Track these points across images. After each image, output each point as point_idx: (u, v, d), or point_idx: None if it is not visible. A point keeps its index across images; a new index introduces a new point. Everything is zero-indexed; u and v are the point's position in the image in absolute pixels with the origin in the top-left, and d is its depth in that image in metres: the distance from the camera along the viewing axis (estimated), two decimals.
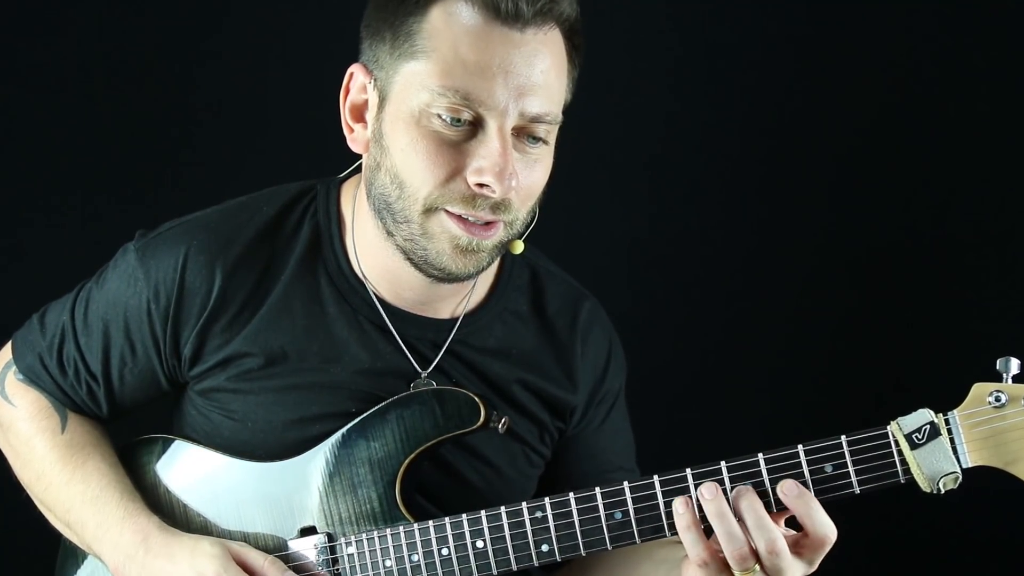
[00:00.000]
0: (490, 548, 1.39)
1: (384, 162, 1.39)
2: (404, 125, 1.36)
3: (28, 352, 1.58)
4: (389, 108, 1.38)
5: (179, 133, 2.38)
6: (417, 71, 1.35)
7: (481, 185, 1.35)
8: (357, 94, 1.43)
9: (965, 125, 2.30)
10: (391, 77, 1.38)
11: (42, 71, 2.32)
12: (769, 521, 1.27)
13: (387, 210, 1.41)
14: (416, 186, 1.37)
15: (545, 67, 1.36)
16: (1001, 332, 2.25)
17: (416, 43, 1.35)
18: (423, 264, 1.42)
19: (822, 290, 2.40)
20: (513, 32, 1.34)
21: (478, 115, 1.34)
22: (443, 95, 1.33)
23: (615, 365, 1.64)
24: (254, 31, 2.37)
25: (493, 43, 1.33)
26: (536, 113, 1.35)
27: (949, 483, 1.25)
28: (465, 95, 1.33)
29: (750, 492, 1.28)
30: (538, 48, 1.35)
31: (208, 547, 1.43)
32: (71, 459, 1.54)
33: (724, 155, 2.41)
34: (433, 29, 1.34)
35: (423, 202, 1.37)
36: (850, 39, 2.34)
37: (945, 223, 2.34)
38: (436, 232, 1.39)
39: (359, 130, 1.44)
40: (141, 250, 1.51)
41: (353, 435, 1.46)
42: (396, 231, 1.42)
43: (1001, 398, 1.24)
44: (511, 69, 1.33)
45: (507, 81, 1.33)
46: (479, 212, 1.37)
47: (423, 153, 1.35)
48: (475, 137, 1.35)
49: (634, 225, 2.43)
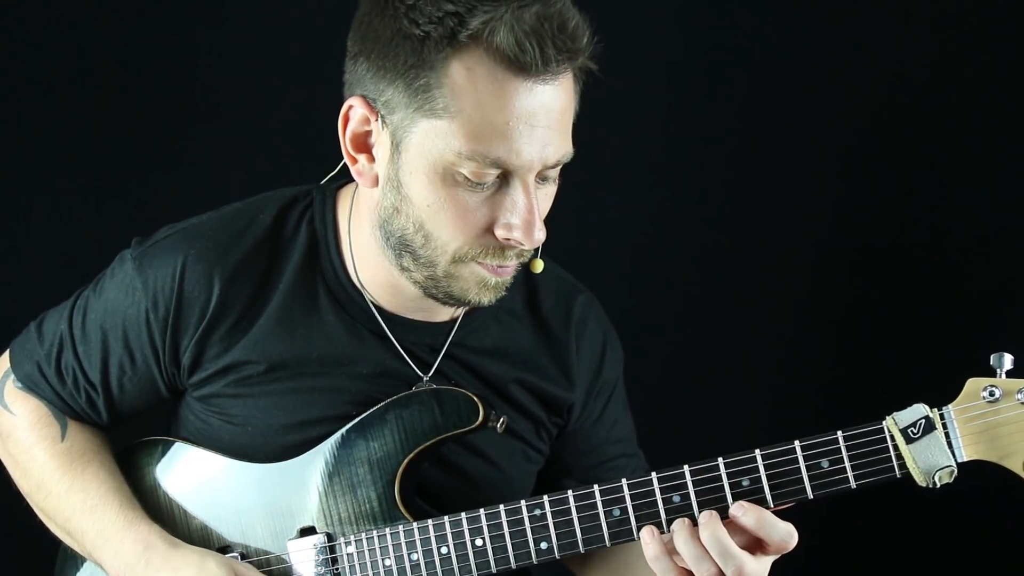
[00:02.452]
0: (489, 546, 1.39)
1: (405, 209, 1.37)
2: (428, 181, 1.33)
3: (26, 360, 1.57)
4: (407, 157, 1.34)
5: (178, 134, 2.38)
6: (439, 130, 1.30)
7: (509, 239, 1.35)
8: (359, 125, 1.37)
9: (963, 124, 2.30)
10: (407, 127, 1.32)
11: (39, 73, 2.32)
12: (733, 547, 1.28)
13: (408, 252, 1.39)
14: (445, 240, 1.36)
15: (563, 108, 1.33)
16: (995, 328, 2.26)
17: (436, 100, 1.29)
18: (441, 296, 1.42)
19: (818, 287, 2.40)
20: (536, 84, 1.29)
21: (505, 172, 1.32)
22: (471, 159, 1.29)
23: (611, 357, 1.64)
24: (253, 32, 2.37)
25: (519, 99, 1.28)
26: (556, 160, 1.34)
27: (945, 477, 1.26)
28: (494, 160, 1.30)
29: (714, 521, 1.29)
30: (557, 92, 1.31)
31: (214, 567, 1.42)
32: (70, 468, 1.53)
33: (724, 155, 2.41)
34: (455, 87, 1.28)
35: (452, 255, 1.36)
36: (850, 40, 2.35)
37: (939, 219, 2.35)
38: (464, 275, 1.38)
39: (364, 162, 1.40)
40: (138, 259, 1.50)
41: (352, 435, 1.47)
42: (416, 270, 1.40)
43: (995, 393, 1.25)
44: (535, 123, 1.30)
45: (532, 137, 1.30)
46: (508, 263, 1.38)
47: (451, 212, 1.33)
48: (500, 190, 1.33)
49: (634, 225, 2.43)
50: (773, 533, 1.29)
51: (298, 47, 2.36)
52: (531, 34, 1.26)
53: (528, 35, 1.26)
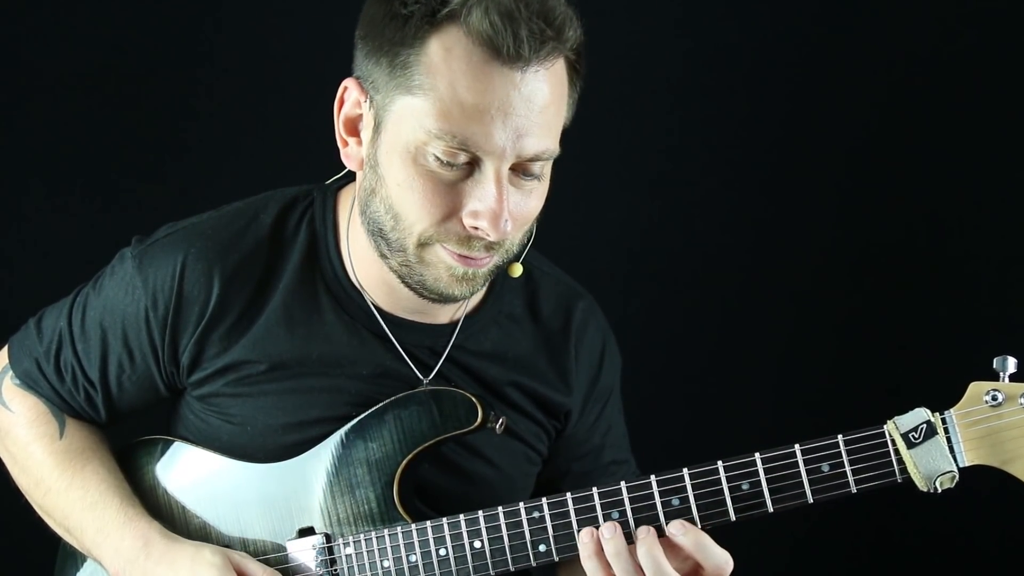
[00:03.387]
0: (487, 548, 1.39)
1: (379, 190, 1.37)
2: (400, 159, 1.34)
3: (25, 357, 1.57)
4: (384, 137, 1.35)
5: (178, 134, 2.38)
6: (414, 107, 1.30)
7: (476, 227, 1.34)
8: (352, 108, 1.39)
9: (964, 126, 2.30)
10: (387, 106, 1.33)
11: (39, 73, 2.32)
12: (667, 567, 1.30)
13: (381, 236, 1.40)
14: (411, 222, 1.35)
15: (545, 104, 1.31)
16: (998, 331, 2.25)
17: (413, 77, 1.30)
18: (419, 288, 1.41)
19: (818, 290, 2.40)
20: (514, 72, 1.28)
21: (475, 156, 1.31)
22: (440, 138, 1.29)
23: (609, 363, 1.64)
24: (253, 32, 2.37)
25: (493, 84, 1.28)
26: (534, 153, 1.32)
27: (946, 482, 1.26)
28: (463, 140, 1.29)
29: (650, 537, 1.31)
30: (539, 86, 1.30)
31: (209, 555, 1.43)
32: (70, 464, 1.53)
33: (723, 156, 2.41)
34: (431, 64, 1.29)
35: (418, 237, 1.36)
36: (849, 41, 2.34)
37: (941, 222, 2.34)
38: (432, 261, 1.38)
39: (353, 145, 1.41)
40: (138, 257, 1.50)
41: (351, 436, 1.46)
42: (391, 256, 1.40)
43: (998, 397, 1.24)
44: (510, 111, 1.29)
45: (506, 124, 1.29)
46: (473, 252, 1.36)
47: (419, 192, 1.33)
48: (471, 176, 1.33)
49: (634, 227, 2.43)
50: (709, 557, 1.31)
51: (299, 47, 2.36)
52: (505, 16, 1.26)
53: (502, 16, 1.26)
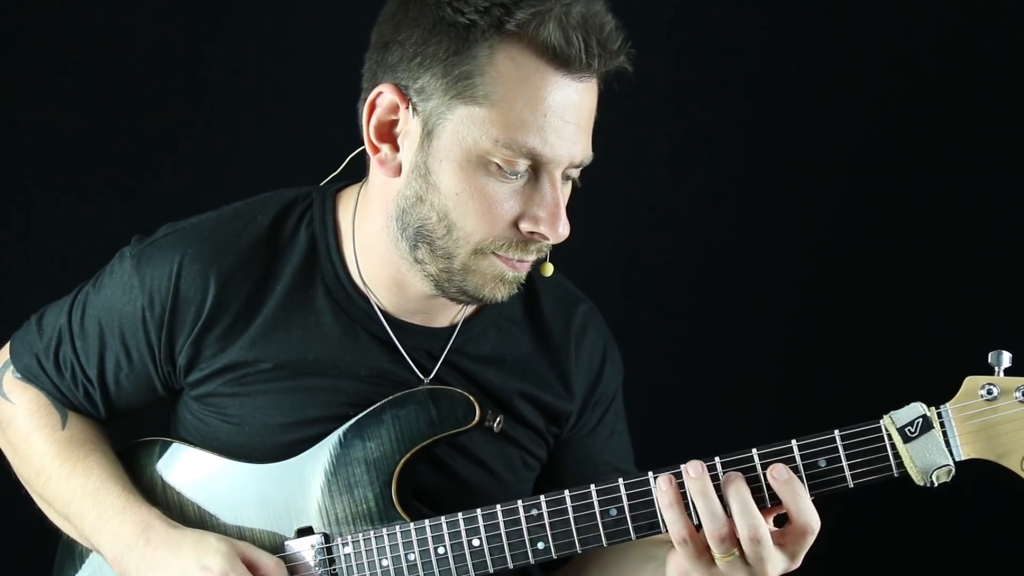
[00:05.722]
0: (486, 546, 1.39)
1: (430, 198, 1.37)
2: (459, 169, 1.34)
3: (25, 353, 1.58)
4: (437, 144, 1.34)
5: (178, 134, 2.38)
6: (477, 117, 1.31)
7: (533, 232, 1.36)
8: (385, 114, 1.38)
9: (961, 125, 2.30)
10: (442, 114, 1.33)
11: (40, 73, 2.32)
12: (754, 508, 1.27)
13: (426, 243, 1.39)
14: (469, 231, 1.36)
15: (591, 110, 1.36)
16: (993, 326, 2.26)
17: (476, 88, 1.31)
18: (454, 292, 1.42)
19: (815, 286, 2.40)
20: (576, 82, 1.32)
21: (536, 165, 1.34)
22: (507, 147, 1.31)
23: (610, 368, 1.64)
24: (254, 32, 2.37)
25: (555, 93, 1.31)
26: (583, 159, 1.37)
27: (942, 476, 1.26)
28: (529, 151, 1.32)
29: (739, 479, 1.28)
30: (591, 95, 1.35)
31: (215, 542, 1.43)
32: (72, 454, 1.54)
33: (722, 156, 2.41)
34: (497, 75, 1.30)
35: (475, 246, 1.37)
36: (849, 41, 2.34)
37: (937, 217, 2.34)
38: (482, 269, 1.39)
39: (387, 151, 1.40)
40: (137, 257, 1.51)
41: (349, 436, 1.47)
42: (431, 262, 1.40)
43: (993, 391, 1.25)
44: (568, 119, 1.32)
45: (564, 132, 1.32)
46: (528, 256, 1.39)
47: (480, 202, 1.34)
48: (528, 183, 1.35)
49: (633, 226, 2.43)
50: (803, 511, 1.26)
51: (300, 47, 2.36)
52: (578, 29, 1.29)
53: (575, 30, 1.29)
